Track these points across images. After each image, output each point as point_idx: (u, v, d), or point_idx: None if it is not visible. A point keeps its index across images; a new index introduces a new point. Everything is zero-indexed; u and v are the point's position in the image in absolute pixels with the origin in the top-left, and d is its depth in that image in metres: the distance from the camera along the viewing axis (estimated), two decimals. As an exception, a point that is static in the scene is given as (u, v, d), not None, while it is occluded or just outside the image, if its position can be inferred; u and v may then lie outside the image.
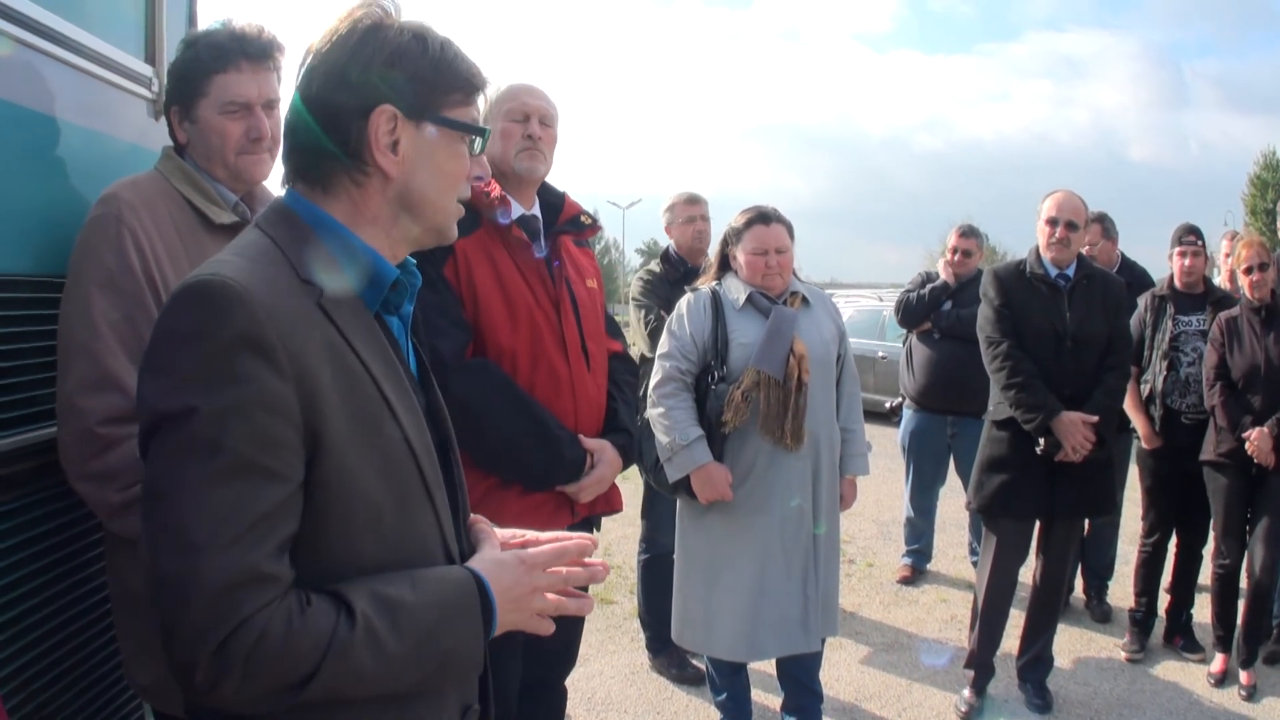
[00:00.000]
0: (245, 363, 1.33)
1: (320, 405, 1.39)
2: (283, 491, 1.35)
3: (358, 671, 1.37)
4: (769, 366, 3.97)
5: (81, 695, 2.58)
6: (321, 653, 1.33)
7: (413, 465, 1.54)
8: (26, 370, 2.34)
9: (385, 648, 1.39)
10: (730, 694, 4.42)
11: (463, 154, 1.62)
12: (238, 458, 1.31)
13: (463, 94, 1.60)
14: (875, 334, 16.13)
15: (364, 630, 1.37)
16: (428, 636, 1.44)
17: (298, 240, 1.53)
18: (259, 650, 1.29)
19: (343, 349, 1.46)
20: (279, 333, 1.36)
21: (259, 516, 1.32)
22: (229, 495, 1.30)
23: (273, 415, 1.34)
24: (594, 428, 3.30)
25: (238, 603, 1.29)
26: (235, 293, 1.35)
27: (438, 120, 1.57)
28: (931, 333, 6.94)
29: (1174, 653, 5.84)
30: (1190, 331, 5.68)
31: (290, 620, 1.32)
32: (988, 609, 4.99)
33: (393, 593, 1.43)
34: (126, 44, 2.82)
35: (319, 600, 1.37)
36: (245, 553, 1.30)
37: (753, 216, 4.21)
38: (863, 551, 8.10)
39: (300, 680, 1.33)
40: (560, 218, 3.37)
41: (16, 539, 2.31)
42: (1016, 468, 4.77)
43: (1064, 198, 4.87)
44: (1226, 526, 5.33)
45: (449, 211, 1.64)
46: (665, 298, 5.27)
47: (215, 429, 1.31)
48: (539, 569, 1.62)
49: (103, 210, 2.33)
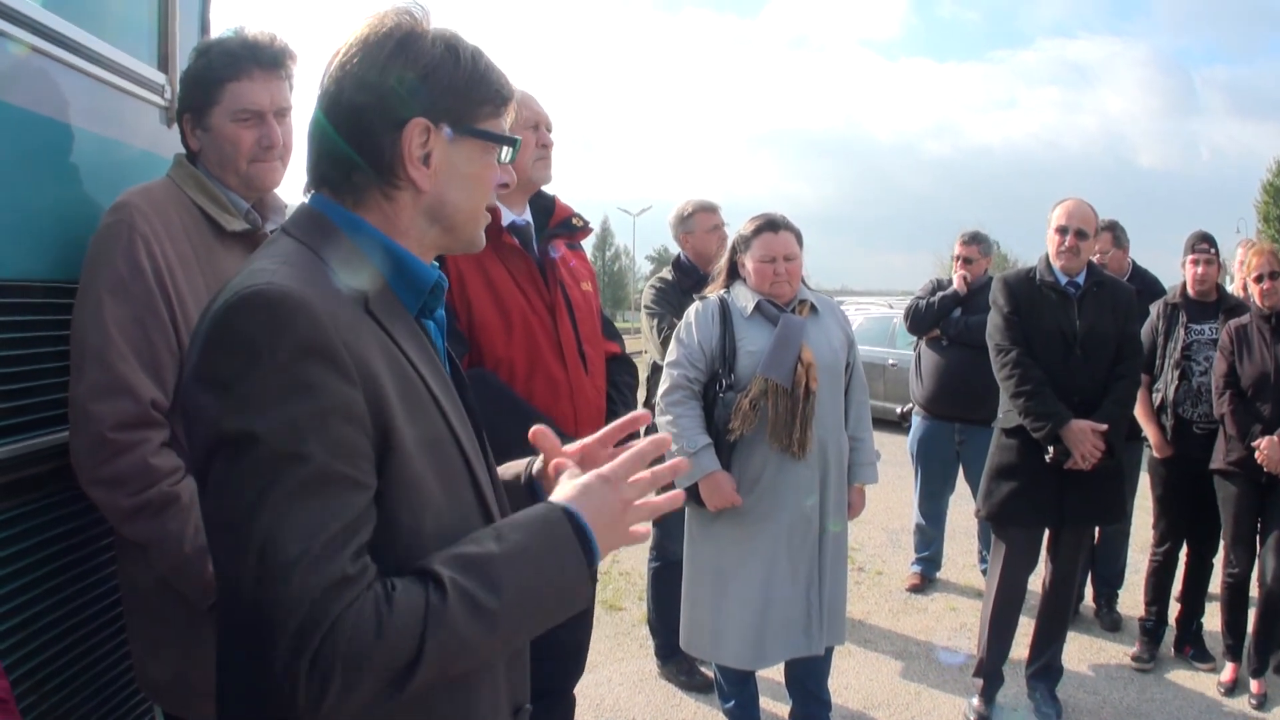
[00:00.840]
0: (314, 371, 1.31)
1: (387, 408, 1.38)
2: (364, 498, 1.34)
3: (463, 639, 1.33)
4: (777, 374, 3.97)
5: (93, 697, 2.59)
6: (420, 629, 1.30)
7: (464, 466, 1.55)
8: (40, 375, 2.36)
9: (484, 607, 1.35)
10: (738, 701, 4.42)
11: (493, 164, 1.61)
12: (319, 469, 1.29)
13: (493, 105, 1.59)
14: (885, 341, 16.10)
15: (457, 595, 1.33)
16: (530, 581, 1.41)
17: (335, 246, 1.51)
18: (354, 645, 1.25)
19: (395, 352, 1.46)
20: (342, 338, 1.35)
21: (344, 527, 1.30)
22: (315, 509, 1.28)
23: (346, 422, 1.32)
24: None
25: (325, 610, 1.25)
26: (296, 300, 1.33)
27: (470, 132, 1.56)
28: (940, 340, 6.93)
29: (1184, 662, 5.82)
30: (1203, 340, 5.66)
31: (378, 608, 1.28)
32: (997, 617, 4.98)
33: (475, 550, 1.39)
34: (139, 51, 2.84)
35: (403, 582, 1.33)
36: (334, 564, 1.27)
37: (761, 224, 4.21)
38: (872, 559, 8.08)
39: (407, 664, 1.29)
40: (551, 221, 3.38)
41: (30, 541, 2.32)
42: (1026, 476, 4.76)
43: (1074, 206, 4.86)
44: (1236, 535, 5.30)
45: (479, 221, 1.64)
46: (678, 305, 5.27)
47: (292, 442, 1.28)
48: (622, 482, 1.55)
49: (115, 217, 2.34)
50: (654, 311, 5.50)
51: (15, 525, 2.27)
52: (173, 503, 2.26)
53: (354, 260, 1.51)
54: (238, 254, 2.50)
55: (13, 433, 2.27)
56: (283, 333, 1.31)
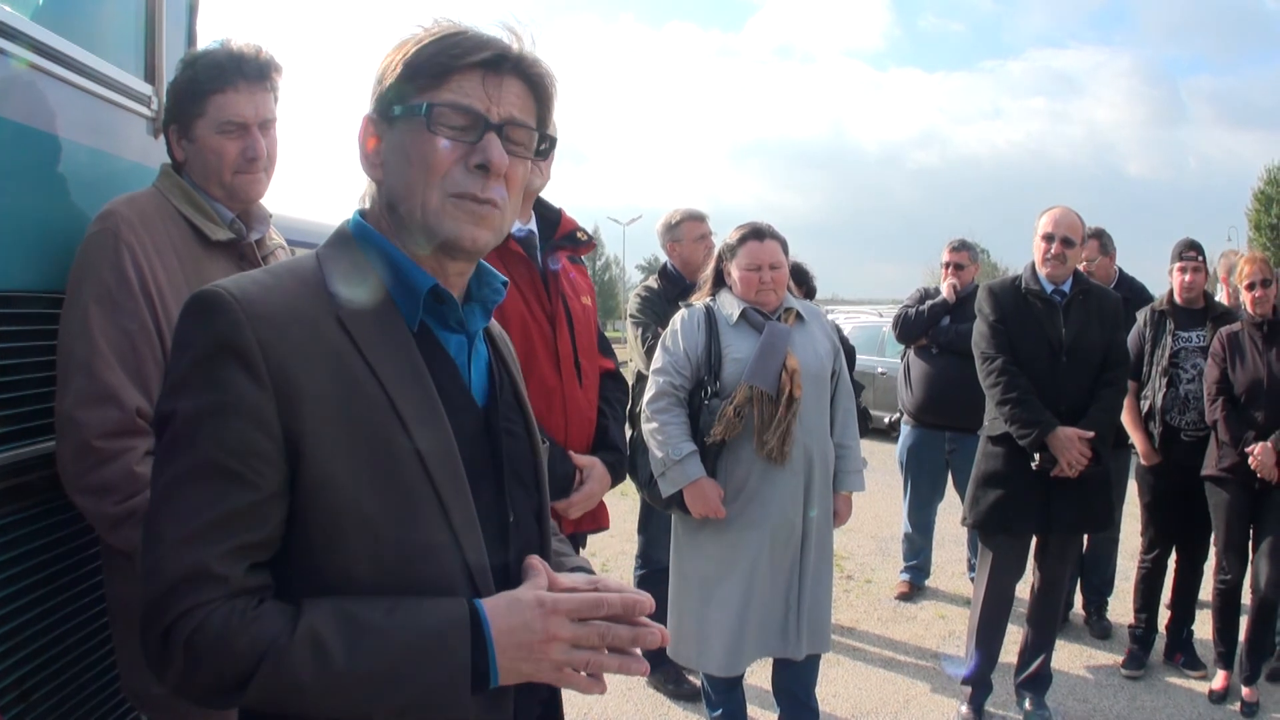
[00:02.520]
0: (223, 368, 1.35)
1: (304, 415, 1.37)
2: (248, 497, 1.35)
3: (297, 684, 1.32)
4: (761, 382, 3.98)
5: (80, 706, 2.59)
6: (258, 656, 1.31)
7: (420, 474, 1.45)
8: (27, 384, 2.36)
9: (333, 666, 1.32)
10: (726, 709, 4.42)
11: (431, 140, 1.49)
12: (205, 459, 1.34)
13: (428, 78, 1.50)
14: (875, 350, 16.14)
15: (307, 642, 1.32)
16: (394, 665, 1.35)
17: (340, 254, 1.54)
18: (195, 641, 1.31)
19: (353, 361, 1.43)
20: (261, 340, 1.37)
21: (218, 518, 1.33)
22: (192, 495, 1.34)
23: (245, 421, 1.35)
24: (584, 444, 3.31)
25: (182, 595, 1.31)
26: (222, 301, 1.38)
27: (390, 115, 1.52)
28: (929, 348, 6.96)
29: (1174, 669, 5.84)
30: (1190, 348, 5.68)
31: (229, 620, 1.31)
32: (984, 625, 4.99)
33: (361, 613, 1.36)
34: (126, 63, 2.85)
35: (274, 607, 1.36)
36: (198, 550, 1.32)
37: (746, 232, 4.23)
38: (861, 567, 8.09)
39: (238, 681, 1.32)
40: (556, 233, 3.37)
41: (17, 551, 2.32)
42: (1012, 483, 4.78)
43: (1060, 214, 4.88)
44: (1228, 542, 5.32)
45: (429, 207, 1.50)
46: (663, 314, 5.27)
47: (189, 431, 1.35)
48: (562, 615, 1.44)
49: (101, 226, 2.36)
50: (639, 320, 5.51)
51: (3, 534, 2.27)
52: (158, 511, 2.26)
53: (353, 269, 1.52)
54: (222, 263, 2.51)
55: (0, 442, 2.27)
56: (203, 329, 1.38)
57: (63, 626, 2.52)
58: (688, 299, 4.53)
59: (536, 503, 1.74)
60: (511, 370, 1.79)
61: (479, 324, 1.67)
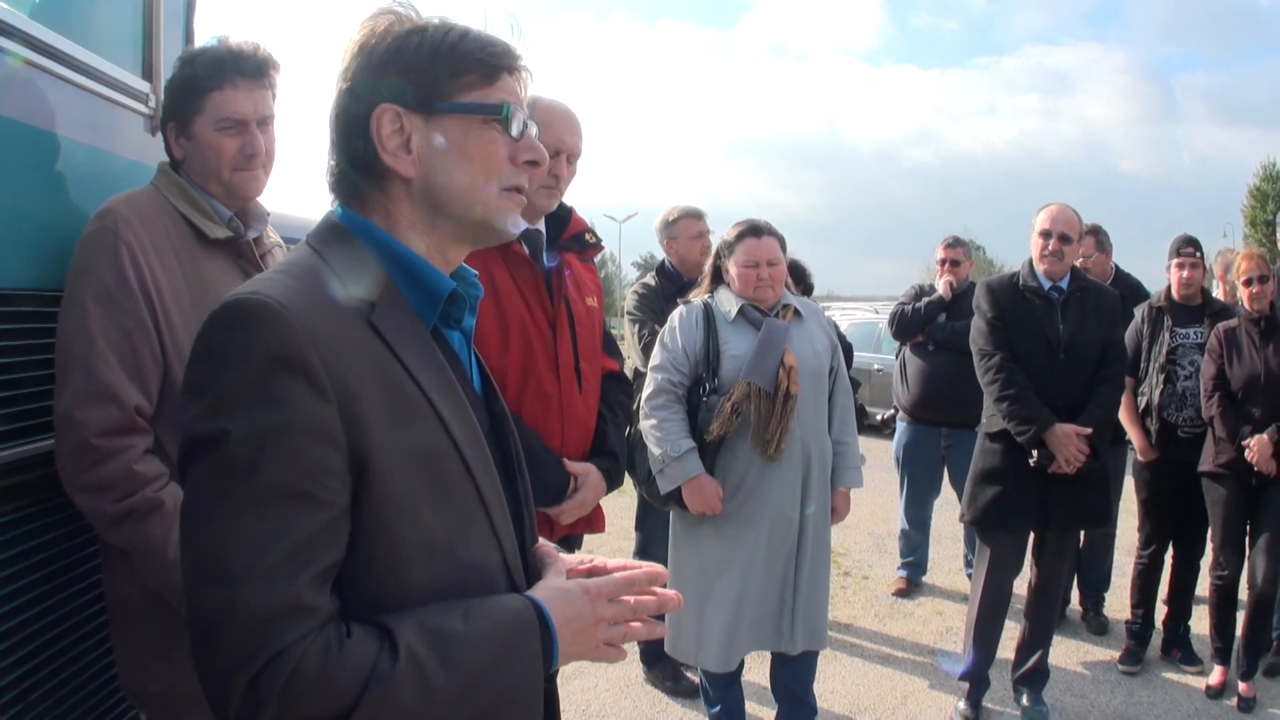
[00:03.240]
0: (283, 383, 1.28)
1: (367, 427, 1.33)
2: (324, 518, 1.29)
3: (401, 708, 1.28)
4: (759, 378, 3.99)
5: (79, 705, 2.59)
6: (361, 687, 1.26)
7: (470, 487, 1.47)
8: (26, 383, 2.36)
9: (432, 682, 1.30)
10: (724, 706, 4.43)
11: (492, 138, 1.51)
12: (276, 482, 1.26)
13: (477, 75, 1.50)
14: (871, 347, 16.14)
15: (409, 663, 1.29)
16: (482, 670, 1.36)
17: (346, 254, 1.48)
18: (294, 683, 1.23)
19: (393, 367, 1.40)
20: (319, 351, 1.31)
21: (299, 544, 1.27)
22: (267, 522, 1.25)
23: (312, 438, 1.28)
24: (581, 450, 3.29)
25: (275, 634, 1.23)
26: (272, 311, 1.30)
27: (446, 108, 1.49)
28: (925, 345, 6.97)
29: (1172, 665, 5.85)
30: (1188, 344, 5.69)
31: (328, 652, 1.26)
32: (982, 621, 5.00)
33: (443, 623, 1.35)
34: (124, 60, 2.84)
35: (361, 631, 1.31)
36: (285, 582, 1.25)
37: (744, 229, 4.23)
38: (858, 564, 8.11)
39: (341, 714, 1.26)
40: (565, 233, 3.34)
41: (16, 549, 2.32)
42: (1010, 480, 4.78)
43: (1058, 210, 4.89)
44: (1225, 537, 5.33)
45: (489, 204, 1.53)
46: (660, 311, 5.28)
47: (251, 453, 1.26)
48: (605, 599, 1.53)
49: (99, 225, 2.35)
50: (636, 317, 5.51)
51: (2, 533, 2.27)
52: (157, 509, 2.26)
53: (361, 267, 1.47)
54: (221, 261, 2.51)
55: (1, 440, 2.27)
56: (255, 342, 1.29)
57: (62, 625, 2.51)
58: (685, 296, 4.53)
59: (526, 490, 1.76)
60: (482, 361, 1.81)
61: (470, 321, 1.67)
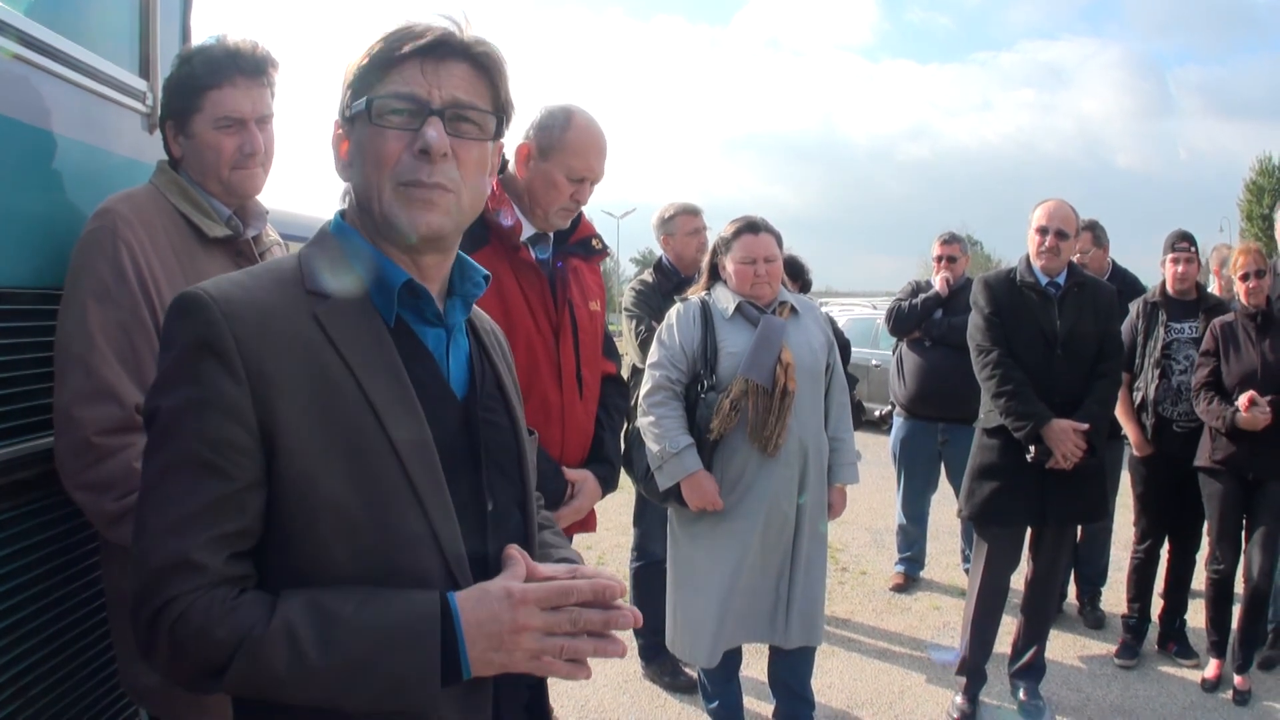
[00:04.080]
0: (202, 364, 1.41)
1: (277, 408, 1.43)
2: (226, 488, 1.40)
3: (272, 675, 1.37)
4: (756, 375, 4.00)
5: (79, 701, 2.60)
6: (234, 646, 1.36)
7: (402, 478, 1.48)
8: (25, 381, 2.36)
9: (307, 660, 1.36)
10: (722, 702, 4.44)
11: (379, 133, 1.53)
12: (185, 452, 1.40)
13: (374, 73, 1.55)
14: (869, 342, 16.14)
15: (281, 634, 1.37)
16: (365, 658, 1.38)
17: (320, 252, 1.60)
18: (178, 630, 1.36)
19: (325, 354, 1.48)
20: (237, 337, 1.42)
21: (198, 508, 1.39)
22: (173, 486, 1.40)
23: (222, 415, 1.40)
24: (579, 456, 3.29)
25: (165, 583, 1.37)
26: (200, 301, 1.44)
27: (353, 113, 1.57)
28: (922, 341, 6.98)
29: (1168, 658, 5.87)
30: (1183, 339, 5.70)
31: (210, 609, 1.37)
32: (979, 615, 5.01)
33: (333, 605, 1.40)
34: (121, 58, 2.84)
35: (254, 597, 1.42)
36: (179, 540, 1.38)
37: (741, 226, 4.24)
38: (855, 559, 8.12)
39: (217, 669, 1.38)
40: (572, 237, 3.33)
41: (16, 546, 2.33)
42: (1007, 475, 4.79)
43: (1055, 206, 4.89)
44: (1221, 531, 5.34)
45: (384, 200, 1.54)
46: (657, 308, 5.29)
47: (170, 425, 1.42)
48: (531, 604, 1.46)
49: (98, 224, 2.36)
50: (633, 314, 5.52)
51: (1, 530, 2.28)
52: (157, 507, 2.27)
53: (334, 266, 1.57)
54: (219, 259, 2.51)
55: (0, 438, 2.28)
56: (183, 328, 1.44)
57: (61, 621, 2.52)
58: (683, 293, 4.54)
59: (519, 492, 1.76)
60: (495, 361, 1.80)
61: (458, 317, 1.69)
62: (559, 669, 1.49)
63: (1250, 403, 5.00)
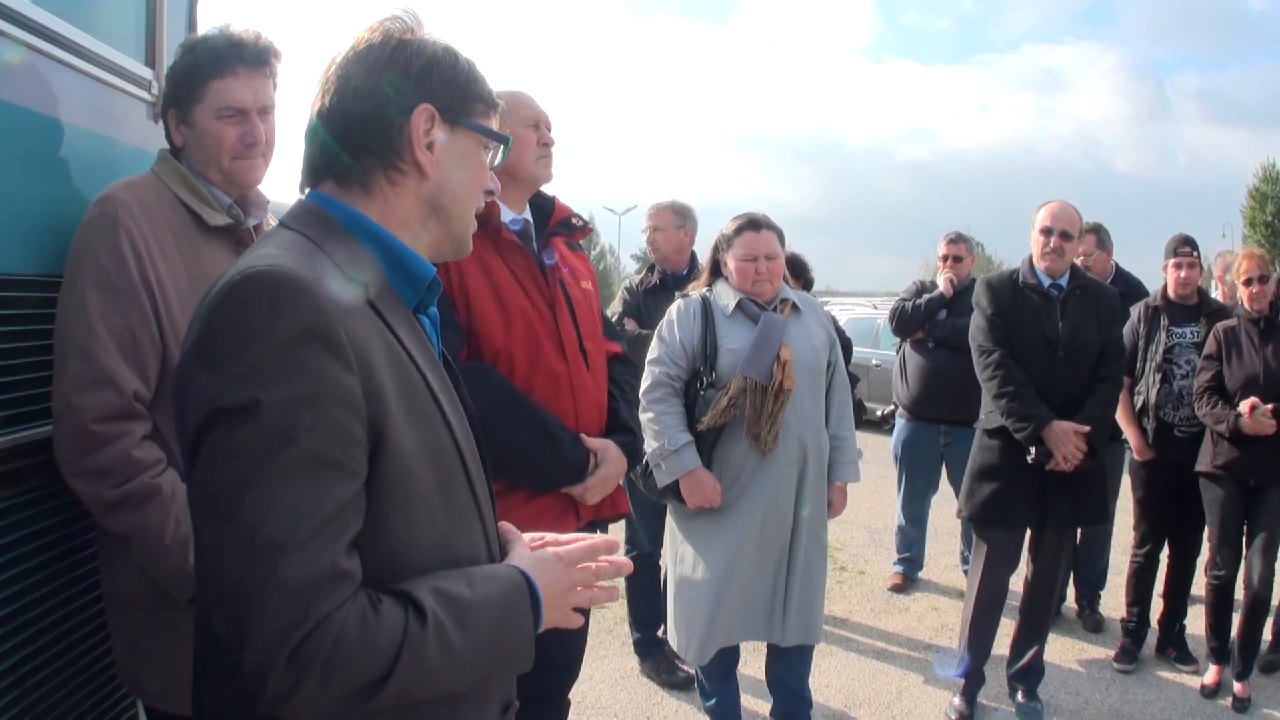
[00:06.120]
0: (312, 355, 1.31)
1: (383, 400, 1.39)
2: (353, 487, 1.34)
3: (429, 670, 1.36)
4: (755, 372, 3.99)
5: (76, 691, 2.59)
6: (396, 650, 1.32)
7: (459, 465, 1.56)
8: (25, 369, 2.36)
9: (453, 645, 1.37)
10: (719, 699, 4.43)
11: (485, 163, 1.67)
12: (310, 451, 1.29)
13: (484, 106, 1.64)
14: (870, 342, 16.11)
15: (434, 626, 1.36)
16: (490, 632, 1.45)
17: (335, 239, 1.52)
18: (337, 650, 1.27)
19: (395, 346, 1.47)
20: (344, 325, 1.35)
21: (333, 511, 1.30)
22: (303, 490, 1.28)
23: (342, 408, 1.32)
24: (596, 427, 3.27)
25: (318, 602, 1.27)
26: (300, 282, 1.34)
27: (470, 125, 1.62)
28: (925, 341, 6.96)
29: (1167, 663, 5.86)
30: (1184, 343, 5.69)
31: (365, 618, 1.30)
32: (978, 617, 5.01)
33: (453, 589, 1.42)
34: (127, 47, 2.84)
35: (389, 598, 1.36)
36: (323, 549, 1.28)
37: (743, 223, 4.23)
38: (854, 559, 8.11)
39: (377, 680, 1.31)
40: (551, 221, 3.36)
41: (15, 534, 2.33)
42: (1008, 477, 4.79)
43: (1059, 208, 4.89)
44: (1222, 537, 5.33)
45: (469, 220, 1.67)
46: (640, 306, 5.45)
47: (285, 422, 1.28)
48: (574, 565, 1.64)
49: (99, 211, 2.36)
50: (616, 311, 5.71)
51: (1, 518, 2.28)
52: (154, 495, 2.27)
53: (353, 253, 1.52)
54: (220, 249, 2.51)
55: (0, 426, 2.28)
56: (284, 312, 1.31)
57: (60, 611, 2.52)
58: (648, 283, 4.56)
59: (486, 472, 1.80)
60: None
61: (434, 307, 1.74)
62: (573, 619, 1.65)
63: (1252, 409, 5.00)
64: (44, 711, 2.45)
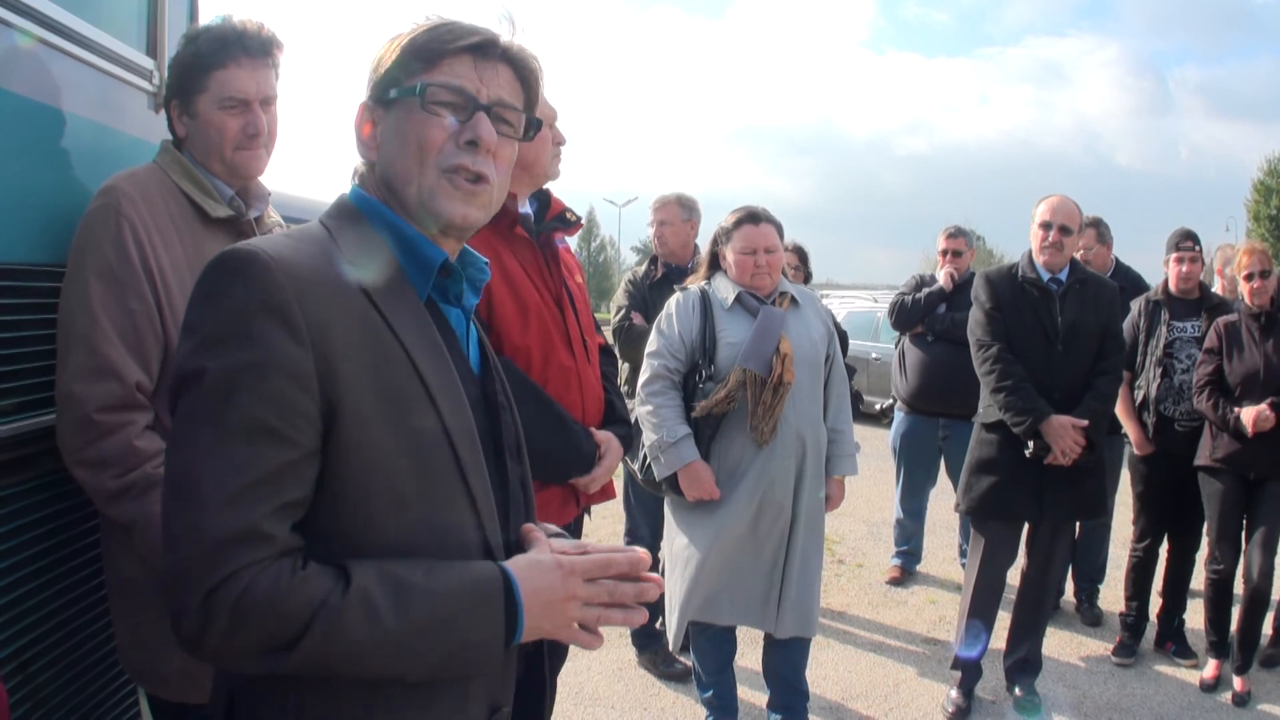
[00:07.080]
0: (261, 325, 1.36)
1: (340, 376, 1.40)
2: (290, 454, 1.36)
3: (350, 643, 1.35)
4: (754, 364, 4.00)
5: (78, 678, 2.60)
6: (310, 615, 1.33)
7: (447, 451, 1.52)
8: (28, 358, 2.37)
9: (384, 625, 1.36)
10: (716, 691, 4.45)
11: (426, 119, 1.58)
12: (246, 416, 1.34)
13: (422, 62, 1.60)
14: (869, 335, 16.12)
15: (360, 601, 1.35)
16: (437, 623, 1.41)
17: (349, 227, 1.59)
18: (244, 602, 1.30)
19: (379, 328, 1.48)
20: (300, 300, 1.39)
21: (263, 476, 1.34)
22: (236, 453, 1.33)
23: (285, 378, 1.36)
24: (596, 419, 3.34)
25: (231, 555, 1.31)
26: (258, 259, 1.39)
27: (394, 94, 1.61)
28: (924, 335, 6.96)
29: (1165, 657, 5.88)
30: (1185, 338, 5.70)
31: (279, 580, 1.33)
32: (975, 610, 5.01)
33: (404, 574, 1.41)
34: (129, 37, 2.84)
35: (319, 568, 1.37)
36: (246, 510, 1.32)
37: (742, 216, 4.24)
38: (852, 552, 8.13)
39: (287, 642, 1.33)
40: (548, 214, 3.39)
41: (18, 522, 2.34)
42: (1006, 470, 4.80)
43: (1059, 202, 4.89)
44: (1222, 531, 5.34)
45: (424, 185, 1.59)
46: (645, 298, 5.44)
47: (226, 388, 1.34)
48: (578, 576, 1.55)
49: (102, 202, 2.36)
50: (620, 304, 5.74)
51: (3, 507, 2.28)
52: (156, 485, 2.27)
53: (367, 242, 1.56)
54: (221, 240, 2.51)
55: (1, 415, 2.28)
56: (240, 286, 1.38)
57: (63, 598, 2.53)
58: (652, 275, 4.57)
59: (523, 472, 1.81)
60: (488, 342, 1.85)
61: (472, 300, 1.74)
62: (583, 638, 1.58)
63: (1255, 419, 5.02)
64: (46, 698, 2.45)
